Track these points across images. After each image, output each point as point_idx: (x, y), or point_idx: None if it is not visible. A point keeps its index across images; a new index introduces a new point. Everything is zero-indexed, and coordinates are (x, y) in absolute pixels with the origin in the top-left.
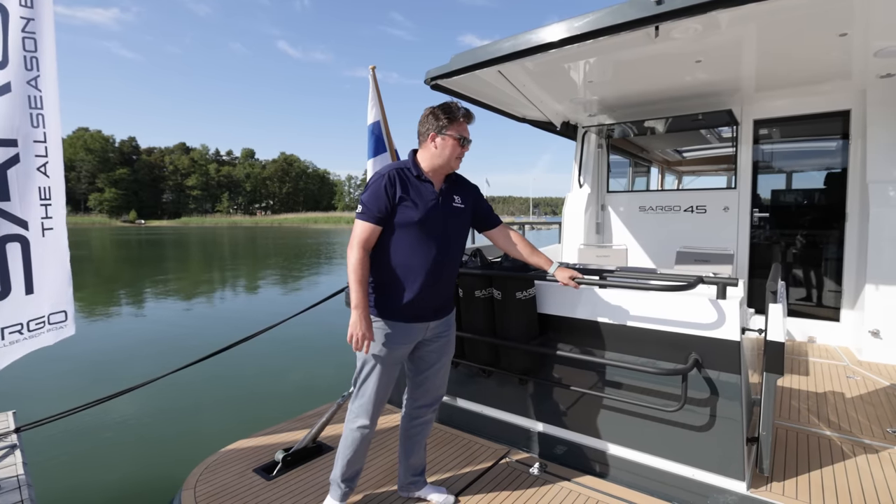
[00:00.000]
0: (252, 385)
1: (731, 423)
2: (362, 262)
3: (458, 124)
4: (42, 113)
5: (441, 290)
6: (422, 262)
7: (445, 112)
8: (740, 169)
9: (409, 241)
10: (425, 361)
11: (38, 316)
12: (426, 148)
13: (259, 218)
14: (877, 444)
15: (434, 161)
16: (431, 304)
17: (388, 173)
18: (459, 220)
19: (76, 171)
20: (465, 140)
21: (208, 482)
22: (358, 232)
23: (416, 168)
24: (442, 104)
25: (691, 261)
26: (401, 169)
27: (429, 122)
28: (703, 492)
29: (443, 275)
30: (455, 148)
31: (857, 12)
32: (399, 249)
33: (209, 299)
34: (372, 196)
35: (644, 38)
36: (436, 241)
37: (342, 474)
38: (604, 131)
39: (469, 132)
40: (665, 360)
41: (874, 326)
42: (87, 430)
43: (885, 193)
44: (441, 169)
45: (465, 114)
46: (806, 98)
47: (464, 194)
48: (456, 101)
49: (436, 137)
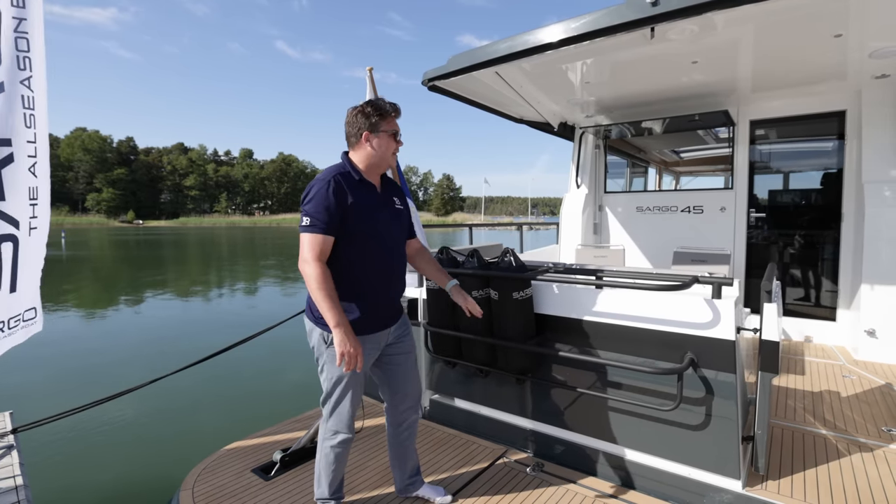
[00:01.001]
0: (250, 386)
1: (727, 422)
2: (325, 274)
3: (389, 120)
4: (34, 113)
5: (395, 294)
6: (376, 268)
7: (376, 109)
8: (737, 169)
9: (360, 248)
10: (394, 366)
11: (17, 314)
12: (360, 148)
13: (257, 218)
14: (872, 443)
15: (370, 161)
16: (390, 308)
17: (331, 178)
18: (402, 220)
19: (74, 171)
20: (398, 134)
21: (206, 482)
22: (309, 246)
23: (356, 170)
24: (369, 102)
25: (688, 261)
26: (342, 173)
27: (359, 121)
28: (699, 490)
29: (395, 278)
30: (391, 144)
31: (851, 14)
32: (352, 258)
33: (207, 300)
34: (319, 205)
35: (640, 39)
36: (385, 244)
37: (330, 491)
38: (601, 132)
39: (398, 126)
40: (661, 359)
41: (870, 326)
42: (85, 430)
43: (881, 193)
44: (377, 168)
45: (394, 107)
46: (802, 99)
47: (399, 195)
48: (381, 98)
49: (370, 136)
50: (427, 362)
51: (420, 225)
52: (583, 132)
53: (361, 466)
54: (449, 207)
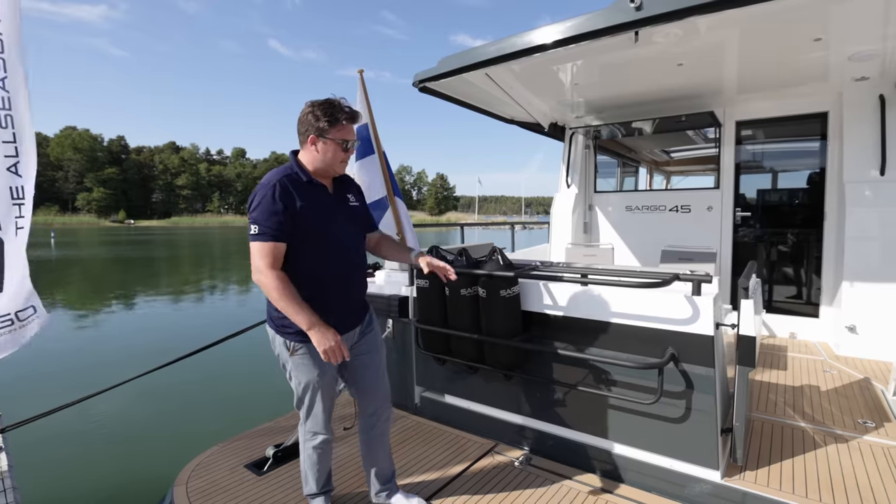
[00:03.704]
0: (243, 383)
1: (706, 414)
2: (282, 280)
3: (339, 127)
4: (10, 114)
5: (356, 295)
6: (333, 270)
7: (326, 113)
8: (723, 169)
9: (314, 251)
10: (361, 365)
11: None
12: (307, 150)
13: None
14: (847, 434)
15: (316, 164)
16: (350, 310)
17: (276, 182)
18: (358, 218)
19: (63, 170)
20: (347, 143)
21: (200, 478)
22: (261, 255)
23: (304, 172)
24: (323, 102)
25: (676, 259)
26: (287, 175)
27: (308, 122)
28: (679, 481)
29: (355, 279)
30: (337, 152)
31: (830, 18)
32: (305, 262)
33: (201, 300)
34: (265, 211)
35: (626, 42)
36: (341, 245)
37: (318, 486)
38: (591, 132)
39: (354, 132)
40: (643, 354)
41: (850, 322)
42: (77, 430)
43: (861, 193)
44: (325, 173)
45: (348, 115)
46: (786, 100)
47: (354, 191)
48: (339, 99)
49: (316, 141)
50: (417, 359)
51: (410, 224)
52: (573, 133)
53: (350, 460)
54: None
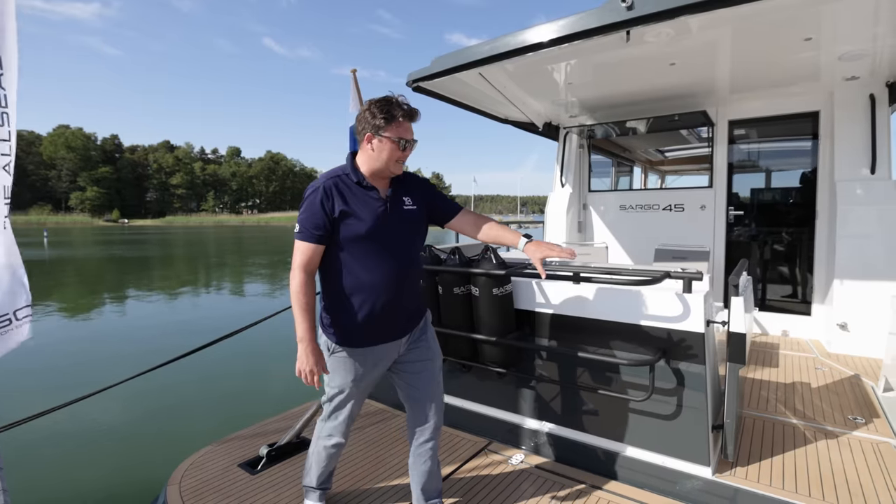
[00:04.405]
0: (237, 384)
1: (697, 411)
2: (305, 286)
3: (396, 125)
4: (7, 111)
5: (407, 303)
6: (379, 278)
7: (382, 110)
8: (716, 168)
9: (361, 257)
10: (413, 372)
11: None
12: (364, 150)
13: (245, 217)
14: (837, 431)
15: (372, 165)
16: (399, 318)
17: (322, 185)
18: (413, 223)
19: (56, 169)
20: (405, 142)
21: (193, 477)
22: (297, 254)
23: (356, 173)
24: (380, 100)
25: (669, 258)
26: (338, 177)
27: (365, 120)
28: (671, 478)
29: (405, 286)
30: (394, 151)
31: (820, 18)
32: (352, 268)
33: (196, 301)
34: (307, 213)
35: (618, 41)
36: (391, 252)
37: (318, 482)
38: (585, 132)
39: (412, 131)
40: (635, 352)
41: (842, 320)
42: (70, 431)
43: (853, 192)
44: (380, 173)
45: (405, 112)
46: (778, 100)
47: (414, 193)
48: (398, 97)
49: (372, 139)
50: None
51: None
52: (567, 132)
53: (351, 458)
54: None
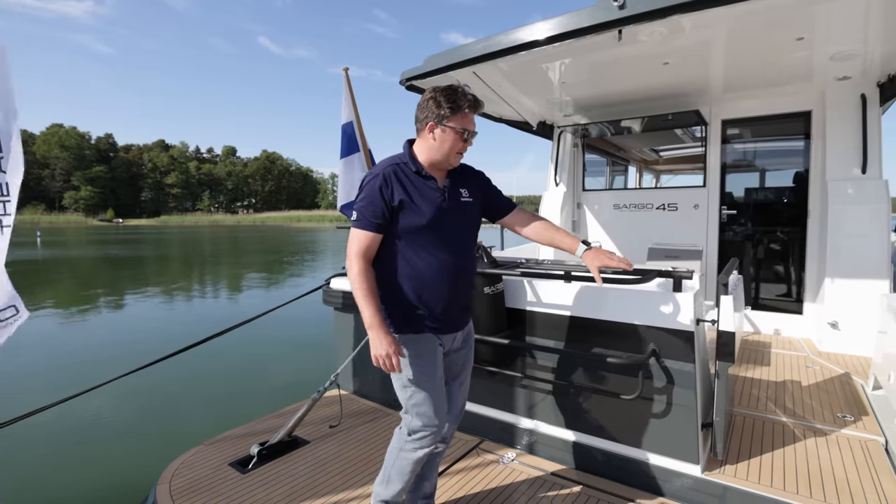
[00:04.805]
0: (230, 382)
1: (686, 409)
2: (365, 272)
3: (461, 115)
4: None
5: (461, 297)
6: (437, 269)
7: (449, 99)
8: (709, 168)
9: (418, 247)
10: (449, 374)
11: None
12: (424, 139)
13: (241, 216)
14: (827, 428)
15: (432, 155)
16: (453, 312)
17: (382, 172)
18: (469, 215)
19: (50, 168)
20: (468, 133)
21: (184, 476)
22: (355, 242)
23: (415, 162)
24: (445, 88)
25: (662, 257)
26: (397, 165)
27: (428, 108)
28: (661, 476)
29: (459, 279)
30: (456, 142)
31: (812, 18)
32: (409, 258)
33: (189, 299)
34: (366, 200)
35: (611, 40)
36: (447, 243)
37: (395, 498)
38: (579, 131)
39: (474, 123)
40: (625, 350)
41: (833, 318)
42: (61, 430)
43: (844, 192)
44: (439, 164)
45: (471, 103)
46: (771, 99)
47: (470, 185)
48: (463, 86)
49: (434, 128)
50: None
51: None
52: (561, 131)
53: (337, 457)
54: None
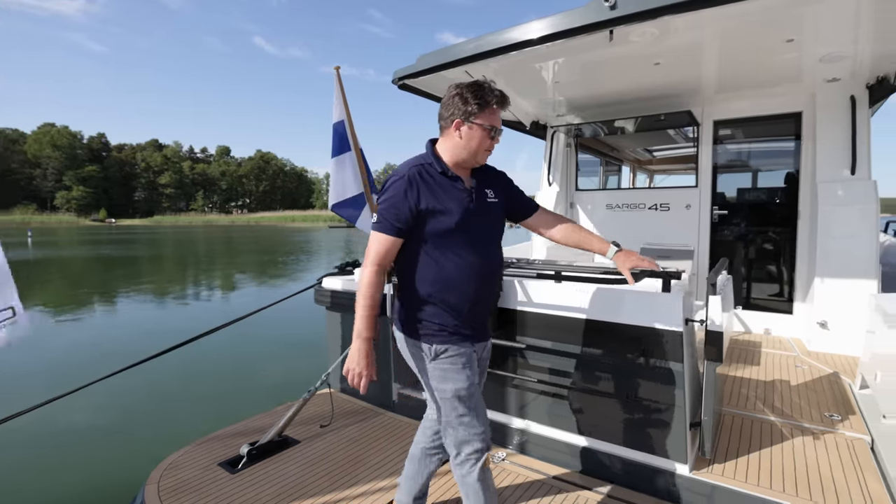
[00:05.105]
0: (221, 382)
1: (675, 409)
2: (374, 280)
3: (489, 111)
4: None
5: (489, 301)
6: (466, 271)
7: (476, 95)
8: (701, 168)
9: (446, 249)
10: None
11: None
12: (449, 137)
13: (235, 216)
14: (814, 428)
15: (457, 154)
16: (482, 316)
17: (407, 174)
18: (496, 216)
19: (42, 168)
20: (495, 130)
21: (172, 476)
22: (373, 245)
23: (440, 162)
24: (471, 84)
25: (654, 257)
26: (421, 166)
27: (454, 105)
28: (649, 474)
29: (489, 283)
30: (484, 140)
31: (801, 20)
32: (436, 263)
33: (183, 301)
34: (389, 203)
35: (602, 40)
36: (475, 246)
37: None
38: (572, 131)
39: (500, 120)
40: (615, 350)
41: (822, 318)
42: (48, 431)
43: (834, 193)
44: (465, 163)
45: (498, 99)
46: (762, 100)
47: (494, 185)
48: (490, 82)
49: (461, 125)
50: (395, 356)
51: None
52: (554, 131)
53: (326, 457)
54: None
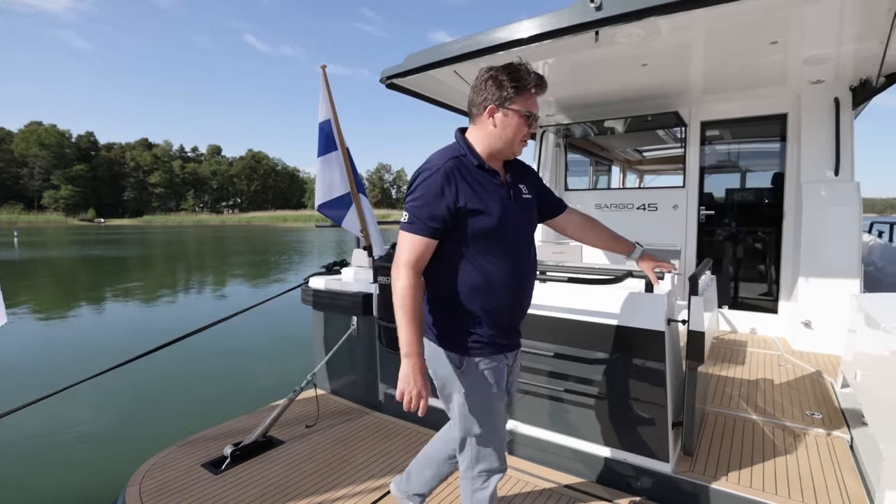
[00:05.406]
0: (206, 382)
1: (657, 408)
2: (414, 287)
3: (527, 96)
4: None
5: (525, 310)
6: (508, 274)
7: (512, 78)
8: (688, 168)
9: (485, 254)
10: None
11: None
12: (481, 125)
13: (226, 216)
14: (795, 426)
15: (492, 143)
16: (518, 323)
17: (442, 167)
18: (531, 214)
19: (29, 167)
20: (534, 117)
21: (154, 478)
22: (405, 249)
23: (474, 154)
24: (506, 67)
25: None
26: (457, 158)
27: (488, 90)
28: (631, 473)
29: (526, 285)
30: (521, 127)
31: (785, 22)
32: (472, 266)
33: (173, 301)
34: (423, 200)
35: (589, 41)
36: (513, 246)
37: None
38: (561, 131)
39: (538, 105)
40: (598, 349)
41: (806, 318)
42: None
43: (818, 194)
44: (500, 154)
45: (536, 82)
46: (748, 101)
47: (526, 180)
48: (525, 63)
49: (496, 112)
50: (381, 357)
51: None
52: (543, 131)
53: (316, 457)
54: None
